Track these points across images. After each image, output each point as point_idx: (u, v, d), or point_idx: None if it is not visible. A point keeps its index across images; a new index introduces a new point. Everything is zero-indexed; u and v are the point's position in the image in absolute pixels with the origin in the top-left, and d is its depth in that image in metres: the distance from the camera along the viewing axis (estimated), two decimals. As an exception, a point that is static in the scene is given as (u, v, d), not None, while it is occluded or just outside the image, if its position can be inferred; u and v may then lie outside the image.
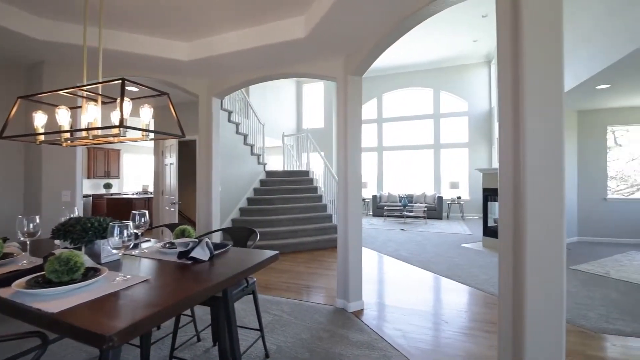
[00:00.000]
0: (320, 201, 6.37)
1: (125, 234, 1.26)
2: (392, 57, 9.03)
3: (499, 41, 1.42)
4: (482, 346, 2.31)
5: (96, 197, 8.47)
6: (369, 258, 4.89)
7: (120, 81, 1.37)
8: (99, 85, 1.61)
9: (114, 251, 1.26)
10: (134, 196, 8.04)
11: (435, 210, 9.07)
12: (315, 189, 6.59)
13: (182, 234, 1.77)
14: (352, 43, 2.71)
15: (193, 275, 1.37)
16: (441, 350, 2.27)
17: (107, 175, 9.14)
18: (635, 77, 4.12)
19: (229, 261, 1.56)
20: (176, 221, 4.75)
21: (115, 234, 1.25)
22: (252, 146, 6.43)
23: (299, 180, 6.72)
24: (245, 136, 6.24)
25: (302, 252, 5.15)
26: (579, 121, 5.98)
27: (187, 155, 6.12)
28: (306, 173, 6.96)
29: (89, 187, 8.68)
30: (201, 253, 1.48)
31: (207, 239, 1.55)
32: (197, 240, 1.58)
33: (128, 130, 1.41)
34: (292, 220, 5.63)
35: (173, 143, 4.88)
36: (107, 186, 9.16)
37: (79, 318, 0.96)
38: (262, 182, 6.58)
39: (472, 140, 9.50)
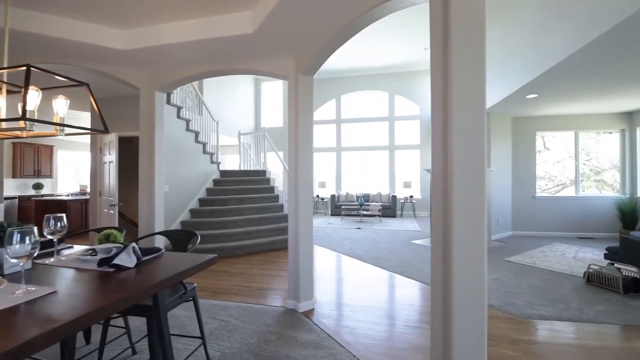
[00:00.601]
0: (277, 201, 6.28)
1: (27, 241, 1.11)
2: (350, 59, 9.21)
3: (432, 53, 1.50)
4: (424, 337, 2.43)
5: (23, 199, 7.54)
6: (324, 257, 4.93)
7: (25, 68, 1.20)
8: (4, 71, 1.40)
9: (14, 261, 1.10)
10: (69, 197, 7.28)
11: (390, 208, 9.44)
12: (272, 189, 6.49)
13: (107, 239, 1.62)
14: (301, 42, 2.69)
15: (114, 283, 1.25)
16: (385, 344, 2.34)
17: (37, 174, 8.17)
18: (557, 88, 4.64)
19: (159, 267, 1.45)
20: (116, 224, 4.37)
21: (14, 242, 1.09)
22: (204, 144, 6.14)
23: (255, 180, 6.56)
24: (197, 134, 5.95)
25: (258, 253, 5.04)
26: (513, 127, 6.59)
27: (131, 153, 5.66)
28: (263, 173, 6.83)
29: (15, 187, 7.69)
30: (126, 259, 1.35)
31: (134, 244, 1.43)
32: (122, 245, 1.45)
33: (36, 123, 1.25)
34: (247, 221, 5.47)
35: (113, 139, 4.48)
36: (37, 186, 8.18)
37: (-43, 340, 0.82)
38: (215, 182, 6.32)
39: (423, 142, 10.02)
